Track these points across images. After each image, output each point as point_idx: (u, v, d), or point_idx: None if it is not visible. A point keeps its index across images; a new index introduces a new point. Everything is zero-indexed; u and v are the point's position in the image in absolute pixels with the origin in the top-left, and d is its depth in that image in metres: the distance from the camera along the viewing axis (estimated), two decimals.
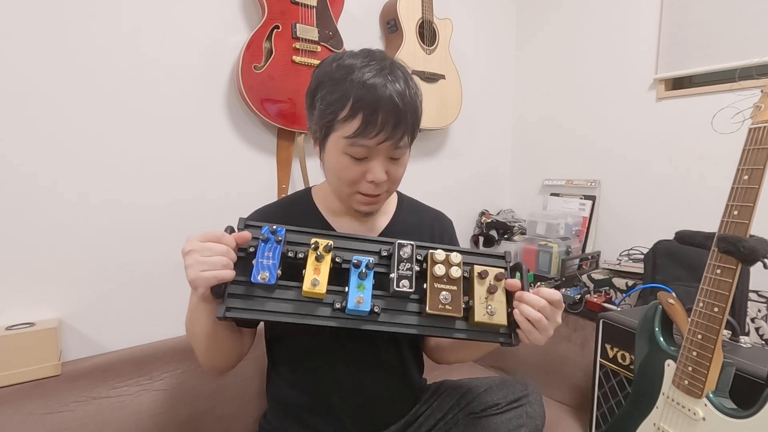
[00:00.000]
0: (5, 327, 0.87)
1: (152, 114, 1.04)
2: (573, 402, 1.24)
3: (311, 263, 0.62)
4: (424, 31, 1.44)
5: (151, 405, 0.93)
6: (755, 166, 0.66)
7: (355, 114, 0.64)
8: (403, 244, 0.67)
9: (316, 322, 0.61)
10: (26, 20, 0.88)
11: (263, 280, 0.60)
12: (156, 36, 1.03)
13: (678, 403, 0.76)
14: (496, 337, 0.66)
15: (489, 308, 0.64)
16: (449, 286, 0.65)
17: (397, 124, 0.65)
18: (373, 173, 0.68)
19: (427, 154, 1.65)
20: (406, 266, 0.65)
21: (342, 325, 0.61)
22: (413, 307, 0.65)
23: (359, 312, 0.61)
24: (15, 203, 0.89)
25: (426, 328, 0.64)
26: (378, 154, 0.68)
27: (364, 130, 0.64)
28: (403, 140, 0.68)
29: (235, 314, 0.59)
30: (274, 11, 1.11)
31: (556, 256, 1.49)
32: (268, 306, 0.61)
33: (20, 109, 0.89)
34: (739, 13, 1.25)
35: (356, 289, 0.62)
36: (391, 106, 0.64)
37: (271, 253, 0.62)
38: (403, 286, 0.63)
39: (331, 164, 0.71)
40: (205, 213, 1.14)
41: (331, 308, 0.62)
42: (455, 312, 0.63)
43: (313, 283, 0.60)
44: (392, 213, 0.86)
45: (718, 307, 0.69)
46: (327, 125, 0.67)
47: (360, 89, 0.63)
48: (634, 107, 1.52)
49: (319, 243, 0.63)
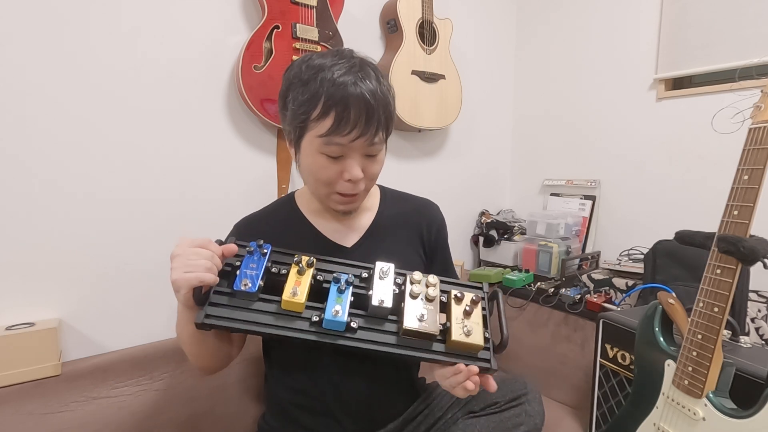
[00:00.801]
0: (5, 327, 0.87)
1: (152, 114, 1.04)
2: (573, 402, 1.24)
3: (293, 275, 0.64)
4: (424, 31, 1.43)
5: (151, 405, 0.93)
6: (755, 166, 0.66)
7: (327, 112, 0.64)
8: (381, 265, 0.69)
9: (292, 334, 0.61)
10: (27, 20, 0.88)
11: (245, 288, 0.61)
12: (156, 36, 1.03)
13: (678, 403, 0.76)
14: (475, 361, 0.65)
15: (465, 328, 0.64)
16: (426, 304, 0.66)
17: (370, 119, 0.65)
18: (349, 172, 0.68)
19: (427, 154, 1.65)
20: (384, 284, 0.67)
21: (318, 339, 0.62)
22: (390, 327, 0.66)
23: (336, 323, 0.62)
24: (15, 203, 0.89)
25: (403, 348, 0.64)
26: (353, 151, 0.68)
27: (338, 128, 0.64)
28: (378, 136, 0.69)
29: (213, 322, 0.60)
30: (274, 11, 1.11)
31: (556, 256, 1.49)
32: (247, 316, 0.61)
33: (21, 109, 0.89)
34: (739, 13, 1.25)
35: (334, 302, 0.63)
36: (362, 102, 0.64)
37: (255, 265, 0.64)
38: (380, 303, 0.64)
39: (307, 165, 0.71)
40: (205, 213, 1.14)
41: (308, 322, 0.63)
42: (431, 330, 0.63)
43: (293, 292, 0.62)
44: (376, 209, 0.86)
45: (718, 307, 0.69)
46: (300, 126, 0.68)
47: (330, 88, 0.64)
48: (634, 107, 1.52)
49: (302, 257, 0.66)
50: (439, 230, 0.90)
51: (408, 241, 0.86)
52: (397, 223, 0.85)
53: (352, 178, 0.69)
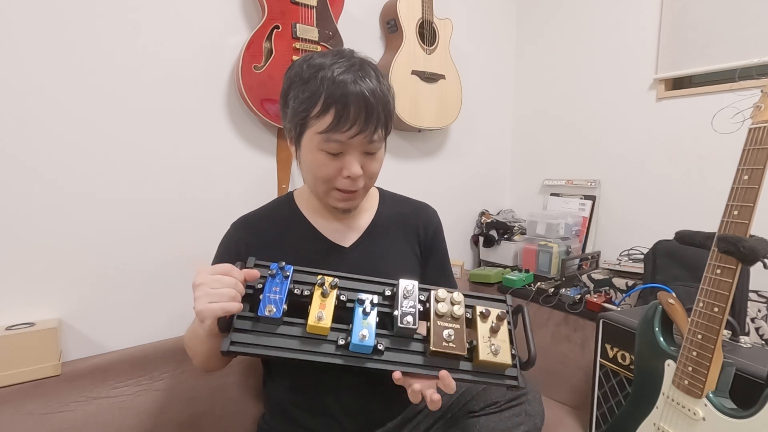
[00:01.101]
0: (5, 327, 0.87)
1: (152, 114, 1.04)
2: (573, 402, 1.24)
3: (317, 298, 0.63)
4: (424, 31, 1.43)
5: (151, 405, 0.93)
6: (755, 166, 0.66)
7: (327, 109, 0.65)
8: (406, 284, 0.67)
9: (319, 358, 0.61)
10: (28, 20, 0.88)
11: (270, 313, 0.60)
12: (156, 35, 1.03)
13: (678, 403, 0.76)
14: (503, 379, 0.65)
15: (493, 347, 0.63)
16: (453, 324, 0.65)
17: (369, 117, 0.66)
18: (348, 168, 0.69)
19: (427, 154, 1.65)
20: (409, 304, 0.65)
21: (345, 363, 0.61)
22: (417, 347, 0.65)
23: (363, 347, 0.61)
24: (15, 203, 0.89)
25: (429, 368, 0.63)
26: (352, 148, 0.69)
27: (337, 125, 0.65)
28: (377, 133, 0.69)
29: (239, 349, 0.59)
30: (274, 11, 1.11)
31: (556, 256, 1.49)
32: (272, 341, 0.61)
33: (21, 110, 0.89)
34: (739, 13, 1.25)
35: (360, 325, 0.62)
36: (362, 100, 0.65)
37: (279, 288, 0.63)
38: (406, 323, 0.63)
39: (306, 162, 0.72)
40: (205, 213, 1.14)
41: (335, 345, 0.62)
42: (459, 350, 0.63)
43: (318, 317, 0.61)
44: (375, 210, 0.86)
45: (718, 307, 0.69)
46: (300, 123, 0.69)
47: (330, 86, 0.65)
48: (634, 107, 1.52)
49: (325, 279, 0.65)
50: (435, 233, 0.90)
51: (404, 241, 0.86)
52: (394, 224, 0.86)
53: (351, 175, 0.69)
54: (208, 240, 1.12)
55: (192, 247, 1.11)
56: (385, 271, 0.78)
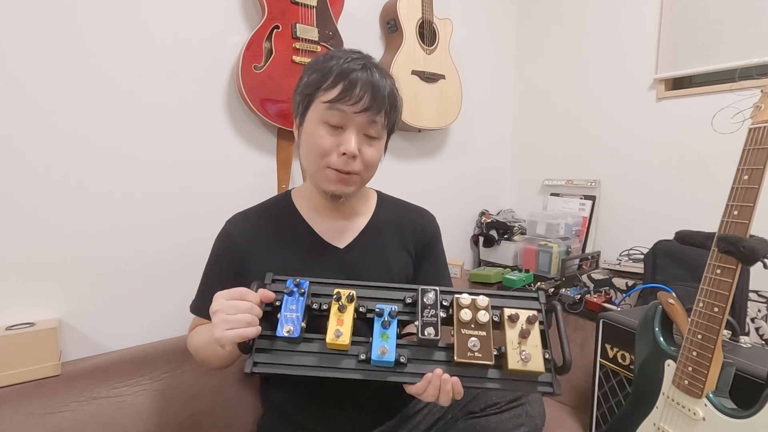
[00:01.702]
0: (5, 327, 0.87)
1: (151, 114, 1.04)
2: (573, 402, 1.24)
3: (334, 314, 0.62)
4: (424, 31, 1.43)
5: (151, 405, 0.93)
6: (755, 166, 0.66)
7: (335, 84, 0.69)
8: (426, 290, 0.65)
9: (341, 375, 0.60)
10: (29, 20, 0.88)
11: (288, 334, 0.60)
12: (156, 36, 1.03)
13: (678, 403, 0.76)
14: (535, 386, 0.61)
15: (523, 354, 0.60)
16: (477, 331, 0.62)
17: (374, 98, 0.70)
18: (345, 144, 0.70)
19: (427, 154, 1.65)
20: (430, 313, 0.63)
21: (367, 378, 0.60)
22: (441, 355, 0.62)
23: (384, 363, 0.59)
24: (15, 203, 0.89)
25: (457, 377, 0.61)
26: (353, 124, 0.71)
27: (344, 97, 0.69)
28: (379, 117, 0.71)
29: (262, 369, 0.60)
30: (274, 11, 1.11)
31: (556, 256, 1.49)
32: (293, 360, 0.61)
33: (21, 110, 0.89)
34: (739, 13, 1.25)
35: (380, 339, 0.61)
36: (368, 83, 0.70)
37: (295, 306, 0.62)
38: (428, 334, 0.61)
39: (306, 136, 0.74)
40: (205, 213, 1.14)
41: (356, 360, 0.61)
42: (486, 359, 0.60)
43: (336, 335, 0.60)
44: (372, 212, 0.86)
45: (718, 307, 0.69)
46: (309, 94, 0.72)
47: (340, 67, 0.70)
48: (634, 107, 1.52)
49: (341, 293, 0.64)
50: (431, 238, 0.89)
51: (400, 245, 0.85)
52: (390, 228, 0.85)
53: (347, 151, 0.70)
54: (208, 240, 1.12)
55: (192, 248, 1.11)
56: (379, 274, 0.78)
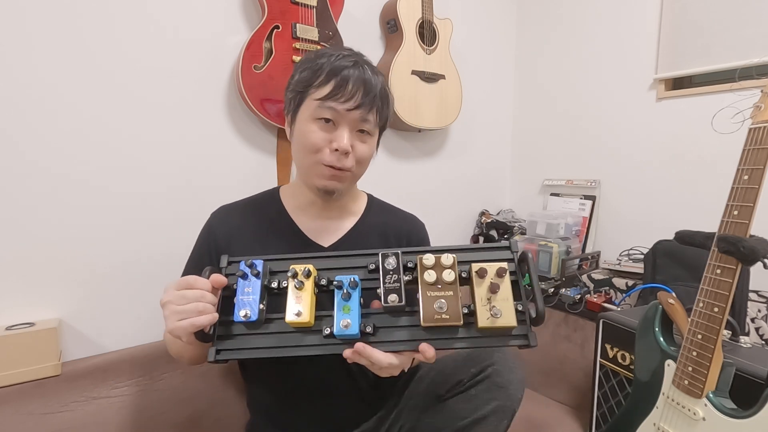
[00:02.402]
0: (5, 327, 0.87)
1: (151, 114, 1.04)
2: (573, 402, 1.24)
3: (292, 292, 0.59)
4: (424, 31, 1.43)
5: (151, 405, 0.93)
6: (755, 166, 0.66)
7: (327, 81, 0.69)
8: (386, 255, 0.62)
9: (305, 352, 0.58)
10: (31, 19, 0.88)
11: (245, 318, 0.58)
12: (156, 36, 1.03)
13: (678, 403, 0.76)
14: (508, 339, 0.59)
15: (493, 310, 0.57)
16: (444, 292, 0.59)
17: (366, 95, 0.70)
18: (338, 141, 0.70)
19: (427, 154, 1.65)
20: (393, 278, 0.60)
21: (333, 352, 0.58)
22: (408, 320, 0.60)
23: (348, 336, 0.58)
24: (15, 203, 0.89)
25: (427, 341, 0.58)
26: (345, 122, 0.70)
27: (335, 95, 0.69)
28: (372, 114, 0.71)
29: (226, 356, 0.58)
30: (274, 11, 1.11)
31: (556, 256, 1.49)
32: (256, 342, 0.59)
33: (18, 110, 0.89)
34: (739, 13, 1.25)
35: (342, 312, 0.58)
36: (360, 80, 0.70)
37: (251, 288, 0.60)
38: (392, 301, 0.58)
39: (299, 133, 0.73)
40: (205, 213, 1.13)
41: (320, 335, 0.59)
42: (454, 320, 0.57)
43: (296, 313, 0.58)
44: (360, 214, 0.85)
45: (718, 307, 0.69)
46: (300, 92, 0.72)
47: (332, 64, 0.70)
48: (634, 107, 1.52)
49: (296, 270, 0.60)
50: (418, 245, 0.85)
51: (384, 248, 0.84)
52: (376, 231, 0.84)
53: (339, 148, 0.70)
54: None
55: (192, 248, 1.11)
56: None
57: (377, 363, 0.56)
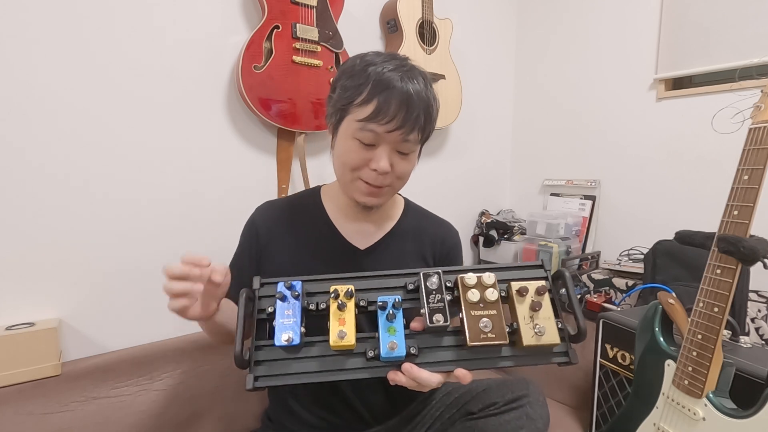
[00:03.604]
0: (5, 327, 0.87)
1: (151, 114, 1.04)
2: (573, 402, 1.24)
3: (334, 313, 0.58)
4: (424, 31, 1.43)
5: (151, 405, 0.93)
6: (755, 166, 0.66)
7: (370, 99, 0.67)
8: (429, 274, 0.61)
9: (349, 376, 0.57)
10: (32, 19, 0.88)
11: (288, 342, 0.56)
12: (156, 36, 1.03)
13: (678, 403, 0.76)
14: (551, 357, 0.59)
15: (537, 328, 0.57)
16: (487, 311, 0.58)
17: (409, 115, 0.67)
18: (377, 161, 0.69)
19: (427, 154, 1.65)
20: (436, 298, 0.59)
21: (377, 375, 0.57)
22: (452, 340, 0.59)
23: (395, 358, 0.56)
24: (15, 203, 0.89)
25: (470, 361, 0.58)
26: (385, 143, 0.69)
27: (377, 116, 0.66)
28: (413, 134, 0.69)
29: (265, 383, 0.57)
30: (274, 11, 1.11)
31: (556, 256, 1.49)
32: (297, 367, 0.57)
33: (19, 110, 0.89)
34: (739, 13, 1.25)
35: (387, 334, 0.57)
36: (405, 97, 0.66)
37: (291, 311, 0.58)
38: (437, 321, 0.57)
39: (339, 148, 0.73)
40: (204, 213, 1.14)
41: (363, 358, 0.58)
42: (500, 339, 0.57)
43: (340, 336, 0.56)
44: (397, 218, 0.86)
45: (718, 307, 0.69)
46: (342, 108, 0.70)
47: (377, 78, 0.67)
48: (634, 107, 1.52)
49: (338, 290, 0.59)
50: (451, 250, 0.89)
51: (419, 254, 0.85)
52: (412, 236, 0.85)
53: (378, 169, 0.69)
54: (207, 239, 1.13)
55: (191, 247, 1.11)
56: None
57: (425, 383, 0.56)
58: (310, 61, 1.16)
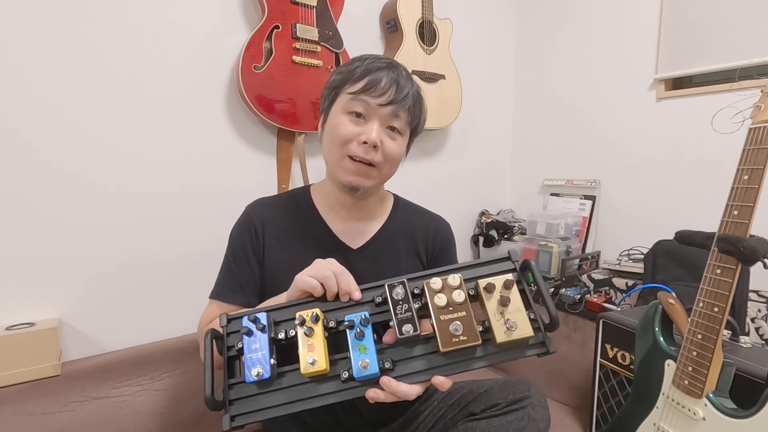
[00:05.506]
0: (5, 327, 0.87)
1: (151, 114, 1.04)
2: (573, 402, 1.24)
3: (302, 340, 0.57)
4: (424, 31, 1.43)
5: (151, 405, 0.93)
6: (755, 166, 0.66)
7: (361, 77, 0.72)
8: (393, 285, 0.60)
9: (325, 401, 0.56)
10: (33, 19, 0.88)
11: (258, 377, 0.55)
12: (156, 36, 1.03)
13: (678, 403, 0.76)
14: (526, 350, 0.58)
15: (508, 323, 0.56)
16: (456, 313, 0.57)
17: (399, 94, 0.72)
18: (367, 134, 0.71)
19: (427, 154, 1.65)
20: (403, 308, 0.58)
21: (354, 396, 0.56)
22: (427, 348, 0.58)
23: (369, 376, 0.55)
24: (15, 203, 0.90)
25: (446, 366, 0.57)
26: (376, 116, 0.72)
27: (370, 89, 0.71)
28: (403, 111, 0.73)
29: (243, 421, 0.55)
30: (274, 11, 1.11)
31: (556, 256, 1.49)
32: (272, 400, 0.56)
33: (19, 109, 0.89)
34: (739, 13, 1.25)
35: (357, 352, 0.56)
36: (393, 80, 0.73)
37: (258, 344, 0.57)
38: (407, 332, 0.57)
39: (329, 126, 0.76)
40: (204, 213, 1.14)
41: (338, 381, 0.57)
42: (472, 340, 0.56)
43: (311, 362, 0.55)
44: (386, 216, 0.86)
45: (718, 307, 0.69)
46: (335, 88, 0.75)
47: (367, 66, 0.73)
48: (634, 107, 1.52)
49: (303, 316, 0.58)
50: (444, 245, 0.89)
51: (412, 251, 0.86)
52: (403, 233, 0.86)
53: (368, 140, 0.71)
54: (208, 240, 1.13)
55: (192, 247, 1.12)
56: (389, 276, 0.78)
57: (404, 396, 0.55)
58: (310, 61, 1.16)
